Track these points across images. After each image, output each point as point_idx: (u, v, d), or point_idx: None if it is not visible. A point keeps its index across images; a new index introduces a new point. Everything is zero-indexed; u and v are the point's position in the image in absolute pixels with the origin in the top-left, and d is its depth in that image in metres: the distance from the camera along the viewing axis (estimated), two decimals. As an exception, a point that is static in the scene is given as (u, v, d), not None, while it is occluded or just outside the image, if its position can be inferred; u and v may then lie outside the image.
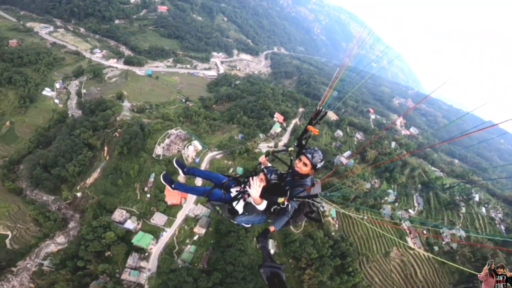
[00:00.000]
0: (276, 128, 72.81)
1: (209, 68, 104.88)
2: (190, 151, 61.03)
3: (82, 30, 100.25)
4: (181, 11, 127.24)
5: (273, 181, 5.44)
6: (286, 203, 5.01)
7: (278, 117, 75.58)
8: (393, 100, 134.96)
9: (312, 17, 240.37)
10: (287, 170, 5.64)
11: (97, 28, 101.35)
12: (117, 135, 61.61)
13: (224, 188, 5.80)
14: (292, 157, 5.45)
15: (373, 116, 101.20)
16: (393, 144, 78.14)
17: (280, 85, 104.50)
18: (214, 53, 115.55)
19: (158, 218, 53.18)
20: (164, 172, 6.59)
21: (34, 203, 53.63)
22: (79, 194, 56.43)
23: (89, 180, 57.60)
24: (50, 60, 76.21)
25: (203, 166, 59.68)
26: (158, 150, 60.22)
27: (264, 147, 66.55)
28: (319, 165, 5.16)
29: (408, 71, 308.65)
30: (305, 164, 5.12)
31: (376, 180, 66.48)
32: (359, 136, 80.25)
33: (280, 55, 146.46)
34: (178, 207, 54.41)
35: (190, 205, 55.14)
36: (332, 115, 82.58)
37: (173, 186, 6.07)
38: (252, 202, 5.16)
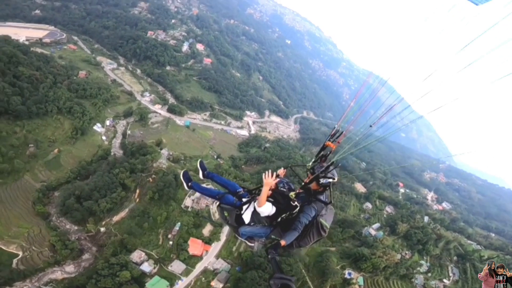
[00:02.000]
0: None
1: (242, 127, 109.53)
2: (218, 208, 62.90)
3: (138, 71, 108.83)
4: (223, 66, 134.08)
5: (282, 189, 5.56)
6: (295, 203, 5.34)
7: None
8: (424, 174, 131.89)
9: (342, 81, 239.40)
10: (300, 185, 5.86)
11: (151, 71, 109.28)
12: (151, 180, 64.64)
13: (237, 196, 6.07)
14: (308, 173, 5.73)
15: (402, 190, 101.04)
16: (426, 218, 79.01)
17: (308, 151, 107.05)
18: (247, 112, 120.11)
19: (177, 266, 53.67)
20: (185, 169, 7.00)
21: (57, 229, 55.19)
22: (102, 229, 58.12)
23: (116, 218, 59.63)
24: (108, 97, 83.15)
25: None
26: (188, 202, 62.60)
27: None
28: (322, 181, 5.42)
29: (439, 143, 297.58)
30: (311, 180, 5.49)
31: (407, 252, 66.30)
32: (388, 209, 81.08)
33: (309, 120, 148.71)
34: (199, 258, 55.26)
35: (211, 258, 55.73)
36: (360, 187, 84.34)
37: (189, 184, 6.39)
38: (257, 207, 5.40)
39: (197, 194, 63.43)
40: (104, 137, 75.03)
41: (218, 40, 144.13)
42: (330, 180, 5.42)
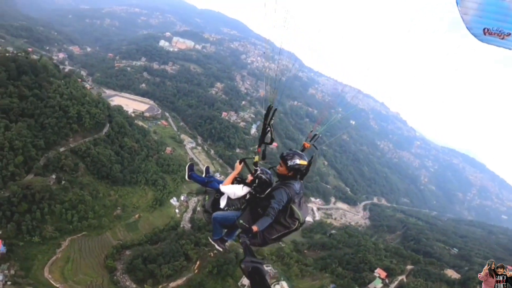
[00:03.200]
0: (377, 284, 65.73)
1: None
2: (277, 291, 59.05)
3: (212, 152, 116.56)
4: (288, 149, 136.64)
5: (263, 177, 5.46)
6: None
7: (380, 272, 69.04)
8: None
9: (417, 163, 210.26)
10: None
11: (222, 153, 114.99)
12: (212, 255, 65.50)
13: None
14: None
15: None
16: None
17: (380, 239, 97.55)
18: (312, 198, 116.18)
19: None
20: (191, 162, 7.33)
21: (117, 283, 57.51)
22: (158, 292, 58.43)
23: (172, 284, 60.15)
24: (186, 174, 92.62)
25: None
26: (245, 281, 60.20)
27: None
28: (289, 162, 5.08)
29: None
30: (280, 164, 5.23)
31: None
32: None
33: (381, 206, 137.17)
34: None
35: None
36: (452, 273, 73.06)
37: (190, 173, 6.80)
38: (220, 186, 5.66)
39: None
40: (177, 210, 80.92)
41: (283, 123, 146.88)
42: (298, 162, 5.08)
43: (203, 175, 6.76)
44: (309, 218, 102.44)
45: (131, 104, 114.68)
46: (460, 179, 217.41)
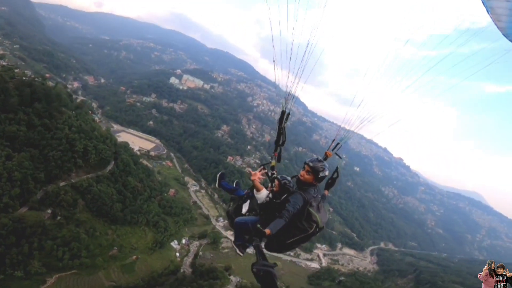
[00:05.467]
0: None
1: (311, 259, 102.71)
2: None
3: (216, 196, 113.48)
4: None
5: (286, 184, 5.56)
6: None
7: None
8: None
9: (423, 208, 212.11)
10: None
11: (226, 198, 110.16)
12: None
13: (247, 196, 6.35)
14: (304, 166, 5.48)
15: None
16: None
17: (393, 284, 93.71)
18: (318, 244, 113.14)
19: None
20: (223, 171, 7.89)
21: None
22: None
23: None
24: (188, 217, 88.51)
25: None
26: None
27: None
28: (321, 174, 5.18)
29: None
30: (308, 172, 5.21)
31: None
32: None
33: (389, 251, 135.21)
34: None
35: None
36: None
37: (220, 181, 7.16)
38: (255, 193, 5.66)
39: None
40: (178, 254, 76.19)
41: (287, 169, 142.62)
42: (326, 173, 5.30)
43: (234, 185, 7.23)
44: (315, 264, 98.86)
45: (137, 141, 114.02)
46: (467, 221, 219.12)
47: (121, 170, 76.85)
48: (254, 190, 5.82)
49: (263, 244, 4.87)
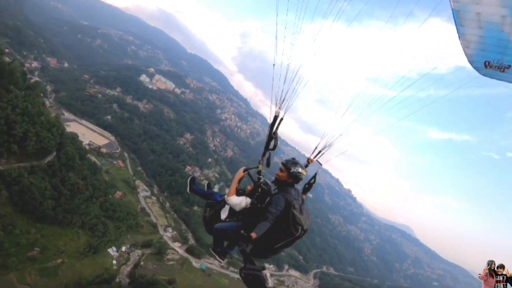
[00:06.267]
0: None
1: None
2: None
3: (168, 204, 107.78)
4: None
5: (264, 186, 5.50)
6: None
7: None
8: None
9: (363, 236, 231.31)
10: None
11: (179, 208, 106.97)
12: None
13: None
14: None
15: None
16: None
17: None
18: (266, 264, 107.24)
19: None
20: (193, 176, 7.43)
21: None
22: None
23: None
24: (133, 223, 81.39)
25: None
26: None
27: None
28: (293, 169, 5.31)
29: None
30: (281, 170, 5.43)
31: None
32: None
33: (330, 275, 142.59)
34: None
35: None
36: None
37: (191, 186, 6.69)
38: (226, 198, 5.57)
39: None
40: (115, 261, 69.52)
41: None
42: (299, 170, 5.33)
43: (205, 189, 6.78)
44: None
45: (88, 134, 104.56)
46: (398, 251, 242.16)
47: (63, 163, 68.88)
48: (227, 196, 5.61)
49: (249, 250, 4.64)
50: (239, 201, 5.44)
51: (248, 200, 5.49)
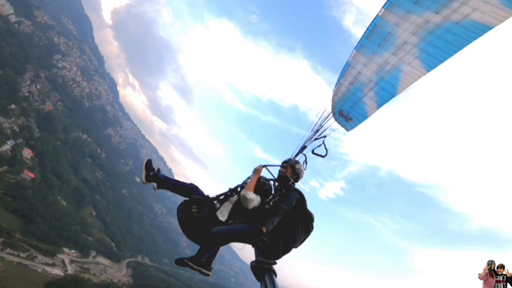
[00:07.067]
0: None
1: (53, 264, 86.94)
2: None
3: None
4: (47, 187, 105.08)
5: (266, 187, 5.25)
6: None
7: None
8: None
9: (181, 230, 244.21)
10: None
11: None
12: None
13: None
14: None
15: None
16: None
17: None
18: (65, 249, 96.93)
19: None
20: (149, 159, 5.86)
21: None
22: None
23: None
24: None
25: None
26: None
27: None
28: (297, 166, 5.31)
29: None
30: (285, 167, 5.30)
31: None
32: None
33: (145, 265, 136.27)
34: None
35: None
36: None
37: (151, 173, 5.39)
38: (245, 192, 4.78)
39: None
40: None
41: (56, 153, 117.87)
42: (302, 167, 5.40)
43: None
44: (57, 271, 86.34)
45: None
46: None
47: None
48: (244, 190, 4.86)
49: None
50: (256, 198, 4.90)
51: (259, 198, 5.01)
